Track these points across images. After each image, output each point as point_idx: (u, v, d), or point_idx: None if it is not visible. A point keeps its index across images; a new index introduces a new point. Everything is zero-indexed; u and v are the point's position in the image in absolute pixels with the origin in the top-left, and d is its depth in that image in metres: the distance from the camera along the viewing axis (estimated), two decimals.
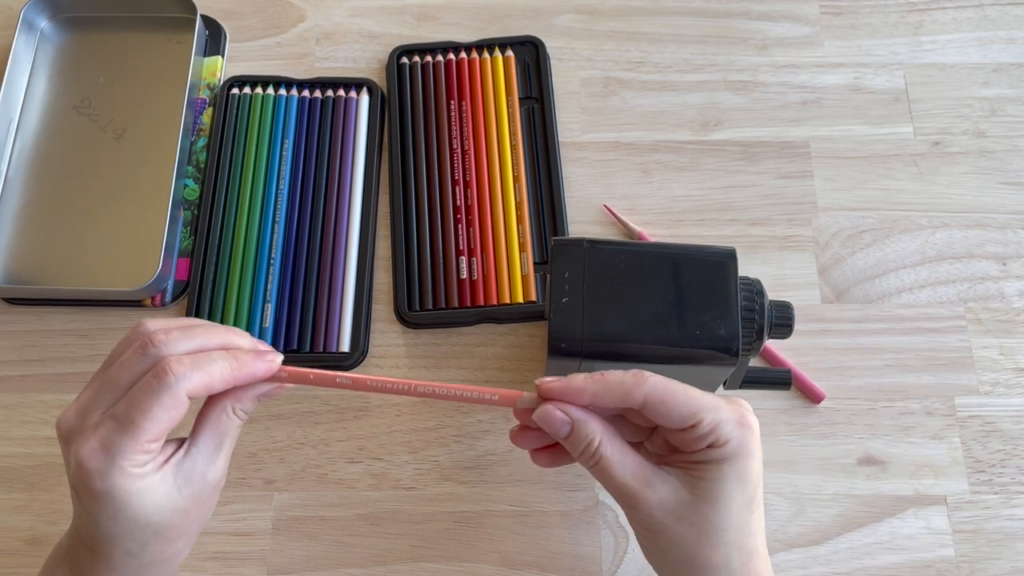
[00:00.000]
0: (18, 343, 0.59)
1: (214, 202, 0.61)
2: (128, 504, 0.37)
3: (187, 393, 0.37)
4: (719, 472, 0.39)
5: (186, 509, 0.39)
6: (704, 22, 0.68)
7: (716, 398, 0.39)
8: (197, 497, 0.39)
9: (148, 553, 0.39)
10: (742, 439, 0.39)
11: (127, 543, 0.38)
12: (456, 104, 0.64)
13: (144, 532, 0.38)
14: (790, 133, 0.64)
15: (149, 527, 0.38)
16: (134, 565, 0.39)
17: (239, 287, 0.59)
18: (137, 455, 0.36)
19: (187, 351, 0.38)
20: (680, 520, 0.39)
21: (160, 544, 0.39)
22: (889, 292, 0.60)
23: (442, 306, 0.58)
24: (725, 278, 0.44)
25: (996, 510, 0.54)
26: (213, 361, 0.38)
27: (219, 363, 0.38)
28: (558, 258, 0.44)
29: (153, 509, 0.37)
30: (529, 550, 0.53)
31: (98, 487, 0.36)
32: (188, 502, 0.38)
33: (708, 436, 0.39)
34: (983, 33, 0.67)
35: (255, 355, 0.39)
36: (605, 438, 0.39)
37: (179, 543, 0.40)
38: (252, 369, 0.39)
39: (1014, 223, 0.61)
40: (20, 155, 0.63)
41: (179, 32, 0.66)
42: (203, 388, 0.37)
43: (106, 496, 0.36)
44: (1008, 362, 0.58)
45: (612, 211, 0.61)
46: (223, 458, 0.40)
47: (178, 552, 0.40)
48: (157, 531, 0.38)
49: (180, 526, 0.39)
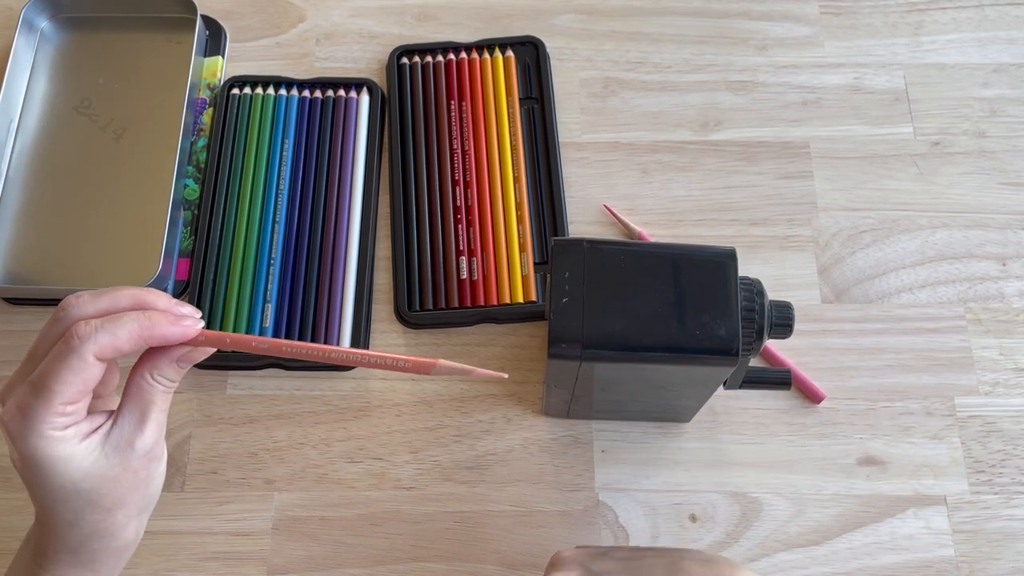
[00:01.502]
0: (18, 343, 0.59)
1: (214, 202, 0.61)
2: (52, 470, 0.37)
3: (93, 354, 0.36)
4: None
5: (116, 477, 0.39)
6: (704, 22, 0.68)
7: None
8: (127, 466, 0.39)
9: (86, 523, 0.39)
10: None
11: (62, 512, 0.38)
12: (456, 104, 0.64)
13: (76, 500, 0.38)
14: (790, 133, 0.64)
15: (80, 495, 0.38)
16: (75, 536, 0.39)
17: (239, 287, 0.59)
18: (53, 418, 0.36)
19: (95, 312, 0.38)
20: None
21: (97, 514, 0.39)
22: (889, 292, 0.60)
23: (442, 306, 0.58)
24: (725, 278, 0.44)
25: (996, 510, 0.54)
26: (121, 323, 0.37)
27: (127, 324, 0.37)
28: (558, 258, 0.44)
29: (81, 476, 0.37)
30: (529, 550, 0.53)
31: (21, 451, 0.37)
32: (118, 470, 0.39)
33: None
34: (983, 33, 0.67)
35: (169, 318, 0.38)
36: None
37: (118, 514, 0.40)
38: (163, 331, 0.38)
39: (1014, 223, 0.61)
40: (20, 155, 0.63)
41: (179, 32, 0.66)
42: (110, 349, 0.37)
43: (30, 461, 0.37)
44: (1008, 362, 0.58)
45: (612, 211, 0.61)
46: (151, 426, 0.39)
47: (119, 524, 0.40)
48: (89, 499, 0.38)
49: (114, 495, 0.39)
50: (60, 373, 0.36)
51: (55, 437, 0.37)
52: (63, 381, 0.36)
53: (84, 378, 0.36)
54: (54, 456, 0.37)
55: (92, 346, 0.36)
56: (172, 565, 0.53)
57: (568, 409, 0.54)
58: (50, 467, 0.37)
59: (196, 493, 0.55)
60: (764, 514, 0.54)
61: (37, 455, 0.37)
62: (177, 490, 0.55)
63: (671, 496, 0.55)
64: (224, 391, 0.57)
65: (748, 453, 0.56)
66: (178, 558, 0.53)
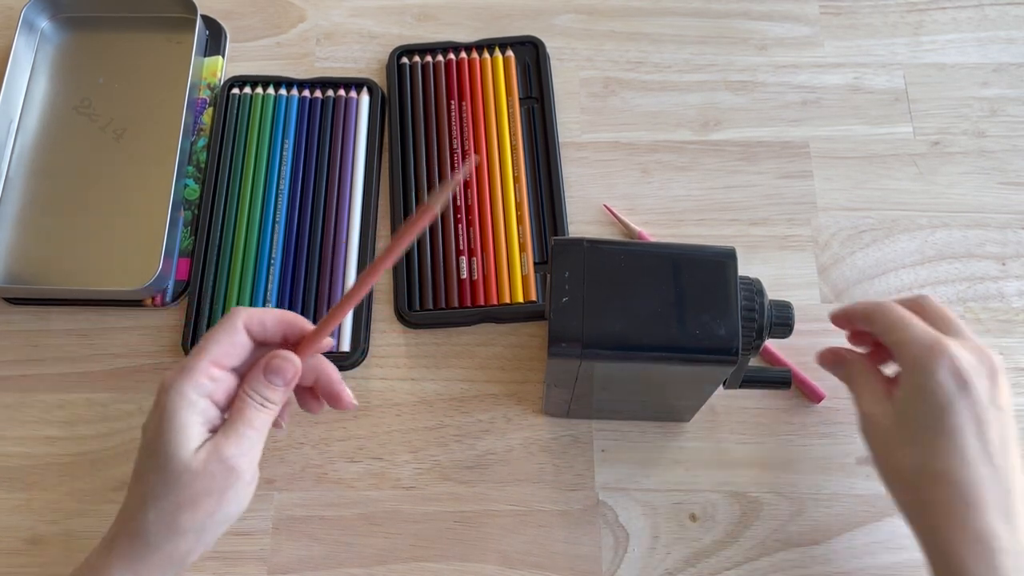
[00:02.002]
0: (18, 343, 0.59)
1: (214, 202, 0.61)
2: (167, 428, 0.41)
3: (243, 321, 0.43)
4: None
5: (196, 472, 0.41)
6: (704, 22, 0.68)
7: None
8: (207, 468, 0.41)
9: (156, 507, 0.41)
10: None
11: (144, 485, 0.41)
12: (456, 104, 0.64)
13: (162, 475, 0.41)
14: (790, 133, 0.64)
15: (167, 472, 0.41)
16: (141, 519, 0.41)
17: (239, 287, 0.59)
18: (201, 377, 0.42)
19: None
20: None
21: (166, 501, 0.41)
22: (889, 292, 0.60)
23: (442, 306, 0.58)
24: (725, 278, 0.44)
25: None
26: (274, 311, 0.44)
27: (279, 313, 0.44)
28: (558, 258, 0.44)
29: (174, 451, 0.41)
30: (529, 550, 0.53)
31: (164, 403, 0.41)
32: (199, 466, 0.41)
33: None
34: (983, 33, 0.67)
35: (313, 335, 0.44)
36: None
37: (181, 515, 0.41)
38: (302, 323, 0.44)
39: (1014, 223, 0.61)
40: (20, 155, 0.63)
41: (179, 32, 0.66)
42: (257, 320, 0.43)
43: (163, 414, 0.41)
44: (1008, 362, 0.58)
45: (612, 211, 0.61)
46: (236, 438, 0.42)
47: (179, 527, 0.41)
48: (168, 482, 0.41)
49: (187, 490, 0.41)
50: (214, 334, 0.43)
51: (193, 401, 0.41)
52: (215, 340, 0.42)
53: (232, 340, 0.43)
54: (179, 419, 0.41)
55: (243, 314, 0.43)
56: None
57: (568, 409, 0.54)
58: (168, 427, 0.41)
59: None
60: (764, 513, 0.54)
61: (170, 408, 0.41)
62: None
63: (671, 496, 0.55)
64: None
65: (748, 453, 0.56)
66: None
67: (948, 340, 0.45)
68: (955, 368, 0.44)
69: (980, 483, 0.43)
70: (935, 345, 0.45)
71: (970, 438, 0.43)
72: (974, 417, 0.44)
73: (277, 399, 0.43)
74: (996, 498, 0.42)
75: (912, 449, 0.45)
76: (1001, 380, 0.45)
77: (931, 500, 0.44)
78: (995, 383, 0.45)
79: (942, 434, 0.44)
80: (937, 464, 0.44)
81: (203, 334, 0.44)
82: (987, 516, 0.42)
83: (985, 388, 0.44)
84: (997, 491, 0.43)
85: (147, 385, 0.57)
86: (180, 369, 0.42)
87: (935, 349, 0.44)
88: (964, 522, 0.42)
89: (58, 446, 0.56)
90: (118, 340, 0.59)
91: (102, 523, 0.54)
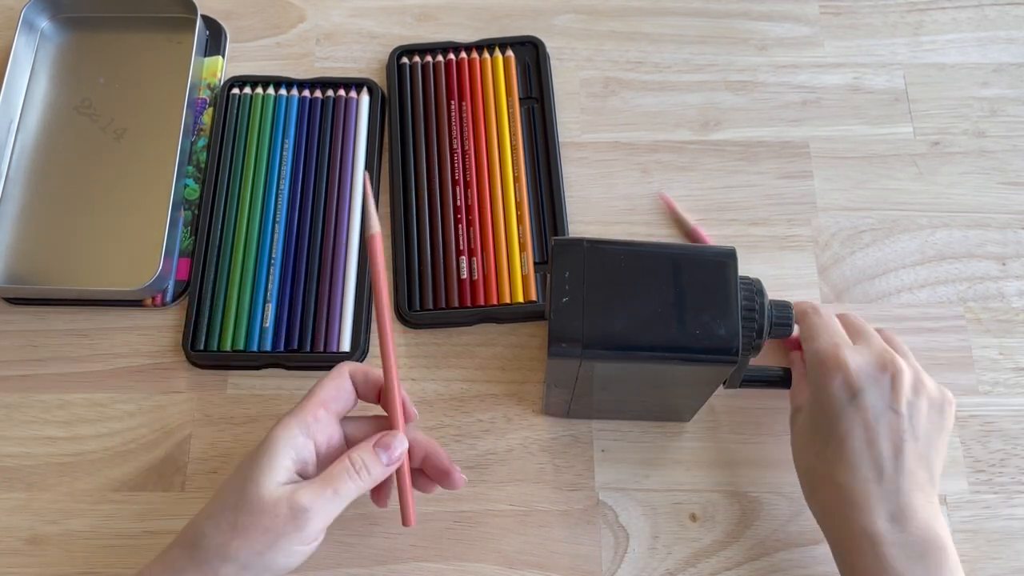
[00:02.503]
0: (18, 343, 0.59)
1: (214, 202, 0.61)
2: (261, 454, 0.43)
3: (348, 370, 0.47)
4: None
5: (263, 506, 0.42)
6: (704, 22, 0.68)
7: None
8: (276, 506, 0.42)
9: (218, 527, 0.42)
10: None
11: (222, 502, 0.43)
12: (456, 104, 0.64)
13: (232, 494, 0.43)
14: (790, 133, 0.64)
15: (240, 492, 0.43)
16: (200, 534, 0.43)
17: (239, 287, 0.59)
18: (308, 414, 0.45)
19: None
20: None
21: (228, 522, 0.42)
22: (889, 292, 0.60)
23: (442, 306, 0.58)
24: (725, 278, 0.44)
25: (996, 510, 0.54)
26: (376, 369, 0.48)
27: (377, 369, 0.48)
28: (558, 258, 0.44)
29: (256, 478, 0.43)
30: (529, 550, 0.53)
31: (272, 433, 0.44)
32: (268, 503, 0.42)
33: None
34: (983, 33, 0.67)
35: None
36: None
37: (233, 543, 0.42)
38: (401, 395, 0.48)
39: (1014, 223, 0.61)
40: (20, 155, 0.63)
41: (179, 32, 0.66)
42: (361, 371, 0.48)
43: (267, 442, 0.44)
44: (1008, 362, 0.58)
45: (669, 202, 0.61)
46: (318, 492, 0.43)
47: (228, 553, 0.42)
48: (239, 505, 0.42)
49: (247, 518, 0.42)
50: (323, 380, 0.47)
51: (293, 435, 0.44)
52: (323, 385, 0.47)
53: (338, 385, 0.47)
54: (275, 450, 0.44)
55: (350, 366, 0.48)
56: None
57: (568, 409, 0.54)
58: (264, 454, 0.43)
59: (197, 493, 0.55)
60: (764, 514, 0.54)
61: (272, 438, 0.44)
62: (177, 490, 0.55)
63: (671, 495, 0.55)
64: (224, 391, 0.57)
65: (748, 453, 0.56)
66: None
67: (846, 351, 0.48)
68: (847, 380, 0.47)
69: (864, 487, 0.45)
70: (831, 359, 0.48)
71: (857, 444, 0.46)
72: (863, 424, 0.46)
73: (376, 473, 0.45)
74: (880, 501, 0.45)
75: (810, 452, 0.49)
76: (900, 383, 0.47)
77: (823, 500, 0.48)
78: (895, 387, 0.47)
79: (832, 441, 0.47)
80: (827, 468, 0.47)
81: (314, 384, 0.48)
82: (871, 517, 0.44)
83: (880, 395, 0.47)
84: (881, 494, 0.45)
85: (147, 385, 0.57)
86: (293, 408, 0.46)
87: (829, 363, 0.48)
88: (850, 522, 0.45)
89: (58, 446, 0.56)
90: (118, 340, 0.59)
91: (102, 523, 0.54)
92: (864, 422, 0.46)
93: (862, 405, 0.46)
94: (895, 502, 0.44)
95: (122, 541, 0.54)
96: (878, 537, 0.44)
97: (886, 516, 0.44)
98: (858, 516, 0.45)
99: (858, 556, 0.44)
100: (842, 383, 0.47)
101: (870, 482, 0.45)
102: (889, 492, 0.45)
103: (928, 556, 0.43)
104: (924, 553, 0.43)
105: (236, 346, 0.57)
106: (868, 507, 0.45)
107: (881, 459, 0.45)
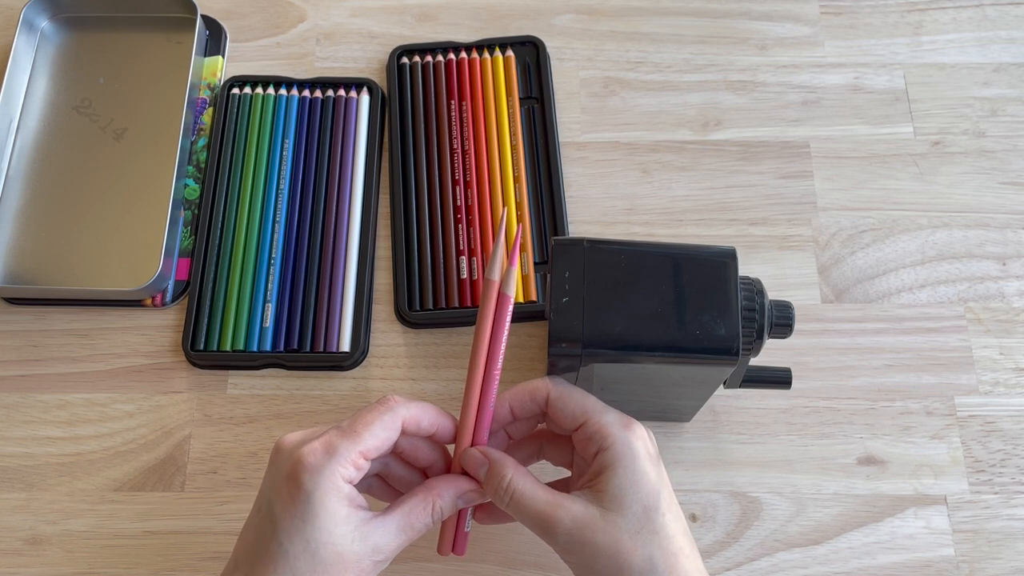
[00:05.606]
0: (18, 343, 0.59)
1: (214, 202, 0.61)
2: (315, 513, 0.38)
3: (403, 419, 0.41)
4: (613, 477, 0.41)
5: (345, 564, 0.39)
6: (704, 22, 0.68)
7: (606, 406, 0.44)
8: (359, 560, 0.40)
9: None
10: (625, 440, 0.42)
11: (283, 560, 0.39)
12: (456, 104, 0.64)
13: (306, 562, 0.39)
14: (790, 133, 0.64)
15: (314, 558, 0.39)
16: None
17: (239, 287, 0.59)
18: (348, 465, 0.39)
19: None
20: (595, 533, 0.41)
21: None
22: (889, 292, 0.60)
23: (442, 306, 0.58)
24: (725, 278, 0.44)
25: (996, 510, 0.54)
26: (429, 408, 0.43)
27: (433, 410, 0.43)
28: (558, 258, 0.44)
29: (327, 539, 0.39)
30: (529, 550, 0.53)
31: (305, 483, 0.39)
32: (351, 558, 0.39)
33: (594, 438, 0.42)
34: (983, 33, 0.67)
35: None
36: (516, 474, 0.42)
37: None
38: (449, 422, 0.43)
39: (1014, 223, 0.61)
40: (20, 155, 0.63)
41: (179, 32, 0.66)
42: (413, 421, 0.42)
43: (306, 496, 0.38)
44: (1008, 362, 0.58)
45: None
46: (396, 542, 0.41)
47: None
48: (312, 564, 0.39)
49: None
50: (372, 424, 0.40)
51: (339, 486, 0.39)
52: (372, 431, 0.40)
53: (388, 436, 0.41)
54: (327, 505, 0.39)
55: (405, 412, 0.41)
56: (172, 565, 0.53)
57: None
58: (316, 510, 0.38)
59: (196, 493, 0.55)
60: (764, 514, 0.54)
61: (316, 495, 0.38)
62: (177, 490, 0.55)
63: None
64: (224, 390, 0.57)
65: (748, 453, 0.56)
66: (178, 558, 0.53)
67: (628, 418, 0.44)
68: (644, 445, 0.43)
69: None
70: (626, 424, 0.43)
71: (671, 510, 0.42)
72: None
73: (448, 516, 0.44)
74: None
75: (634, 539, 0.41)
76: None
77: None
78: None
79: (667, 513, 0.42)
80: (676, 542, 0.42)
81: (357, 413, 0.41)
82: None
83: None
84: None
85: (147, 385, 0.58)
86: (325, 450, 0.39)
87: (627, 427, 0.43)
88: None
89: (58, 446, 0.56)
90: (118, 340, 0.59)
91: (102, 523, 0.54)
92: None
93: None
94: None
95: (122, 541, 0.54)
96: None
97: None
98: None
99: None
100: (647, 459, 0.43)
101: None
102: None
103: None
104: None
105: (236, 346, 0.57)
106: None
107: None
